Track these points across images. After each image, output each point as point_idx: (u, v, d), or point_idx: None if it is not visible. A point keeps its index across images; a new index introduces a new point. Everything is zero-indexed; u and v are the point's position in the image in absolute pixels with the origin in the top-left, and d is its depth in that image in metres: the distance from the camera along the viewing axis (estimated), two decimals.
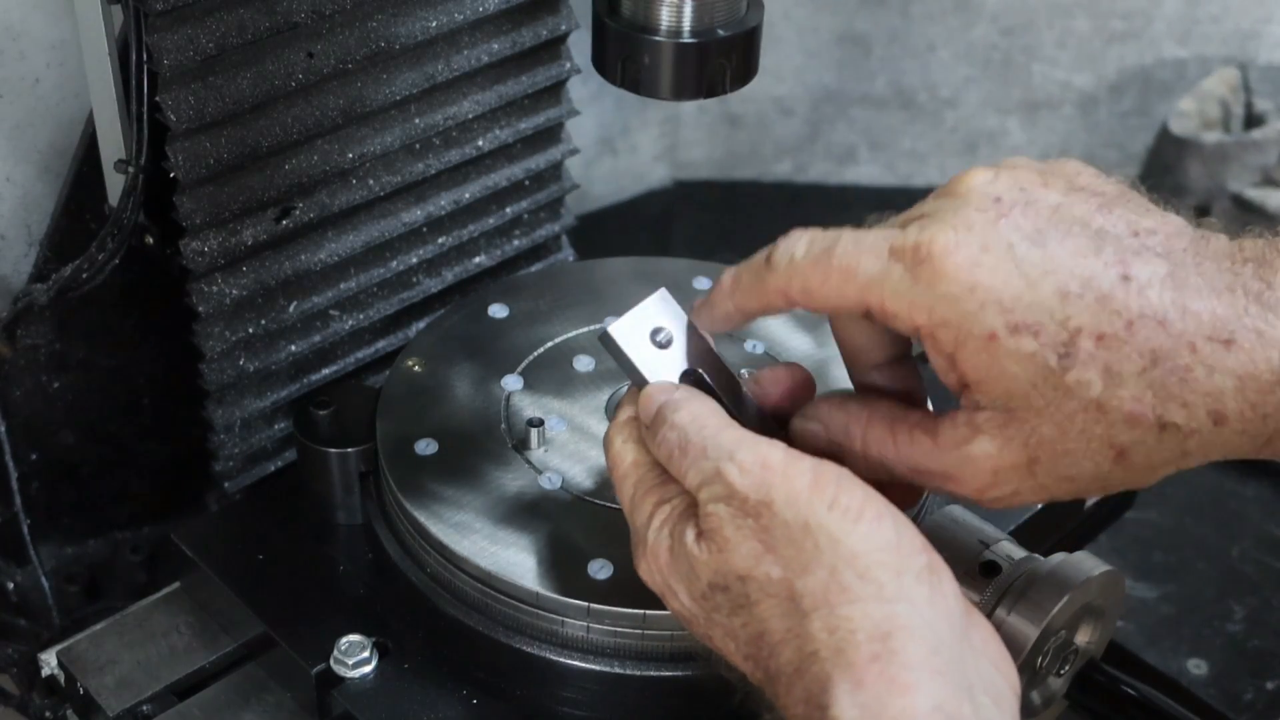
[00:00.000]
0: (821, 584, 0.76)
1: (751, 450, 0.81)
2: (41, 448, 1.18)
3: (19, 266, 1.16)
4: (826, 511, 0.78)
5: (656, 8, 0.89)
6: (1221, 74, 1.77)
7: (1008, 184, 0.79)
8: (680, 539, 0.82)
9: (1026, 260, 0.76)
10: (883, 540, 0.77)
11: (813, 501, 0.78)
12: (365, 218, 1.17)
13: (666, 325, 0.89)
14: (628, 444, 0.88)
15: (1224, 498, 1.45)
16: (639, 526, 0.85)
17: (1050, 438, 0.77)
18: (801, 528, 0.78)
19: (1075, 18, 1.77)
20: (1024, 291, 0.75)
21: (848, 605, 0.75)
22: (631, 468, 0.87)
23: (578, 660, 0.96)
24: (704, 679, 0.95)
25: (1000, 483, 0.79)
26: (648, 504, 0.85)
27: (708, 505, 0.81)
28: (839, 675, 0.74)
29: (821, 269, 0.80)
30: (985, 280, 0.76)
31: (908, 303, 0.77)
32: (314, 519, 1.09)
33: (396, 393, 1.10)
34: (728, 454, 0.81)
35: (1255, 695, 1.26)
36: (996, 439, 0.78)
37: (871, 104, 1.84)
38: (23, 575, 1.21)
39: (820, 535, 0.77)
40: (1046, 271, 0.76)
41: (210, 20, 1.00)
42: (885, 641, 0.74)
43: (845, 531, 0.77)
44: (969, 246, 0.76)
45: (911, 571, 0.77)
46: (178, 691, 1.04)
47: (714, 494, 0.81)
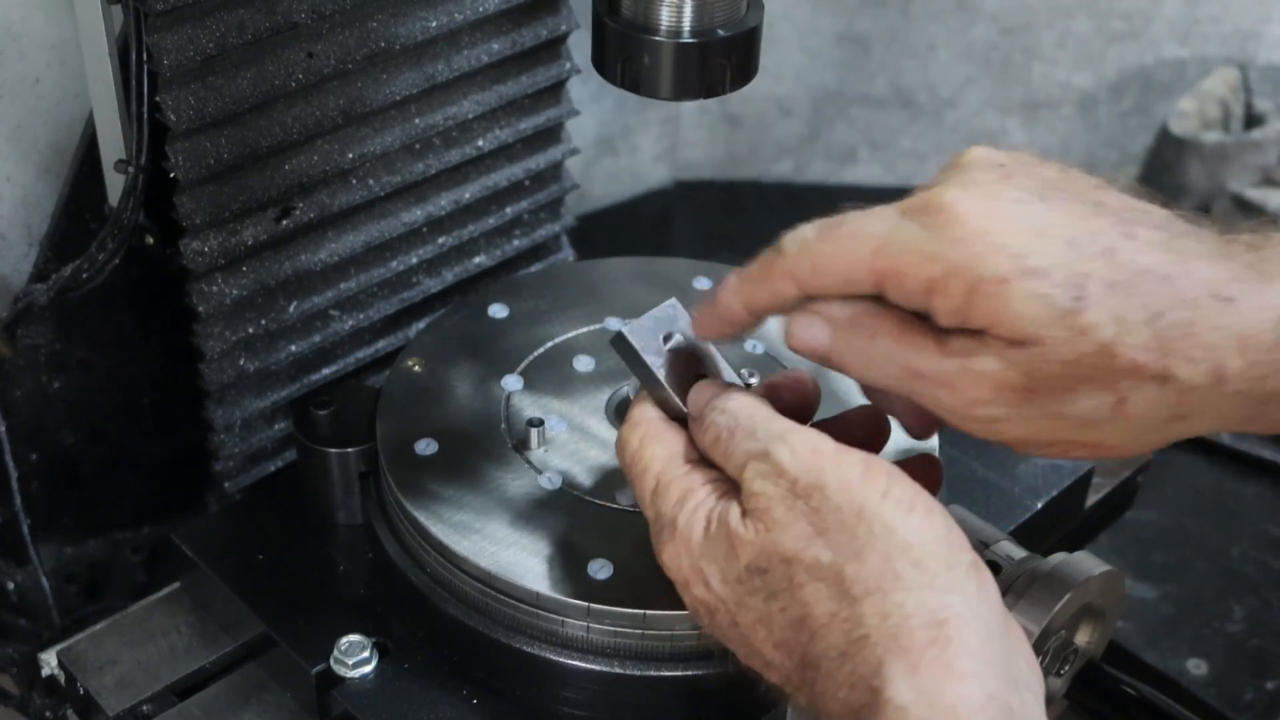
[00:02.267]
0: (874, 570, 0.77)
1: (803, 436, 0.82)
2: (41, 448, 1.18)
3: (19, 266, 1.16)
4: (880, 500, 0.79)
5: (656, 8, 0.89)
6: (1221, 74, 1.77)
7: (1008, 155, 0.81)
8: (722, 520, 0.82)
9: (1033, 214, 0.78)
10: (934, 533, 0.78)
11: (866, 489, 0.79)
12: (365, 218, 1.17)
13: (678, 332, 0.92)
14: (645, 441, 0.89)
15: (1224, 498, 1.45)
16: (666, 512, 0.85)
17: (1054, 374, 0.77)
18: (855, 513, 0.78)
19: (1075, 18, 1.77)
20: (1033, 240, 0.77)
21: (901, 592, 0.76)
22: (653, 461, 0.88)
23: (578, 660, 0.96)
24: (704, 679, 0.95)
25: (994, 401, 0.79)
26: (675, 491, 0.86)
27: (755, 483, 0.81)
28: (893, 659, 0.74)
29: (830, 239, 0.82)
30: (995, 227, 0.77)
31: (920, 255, 0.78)
32: (314, 519, 1.09)
33: (396, 393, 1.10)
34: (779, 436, 0.82)
35: (1255, 695, 1.26)
36: (1002, 359, 0.78)
37: (871, 104, 1.84)
38: (23, 575, 1.21)
39: (875, 522, 0.78)
40: (1052, 224, 0.77)
41: (210, 20, 1.00)
42: (941, 629, 0.74)
43: (899, 520, 0.78)
44: (978, 198, 0.78)
45: (961, 565, 0.78)
46: (178, 691, 1.04)
47: (761, 471, 0.81)
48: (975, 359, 0.79)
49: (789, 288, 0.85)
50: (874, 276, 0.81)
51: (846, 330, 0.84)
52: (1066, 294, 0.76)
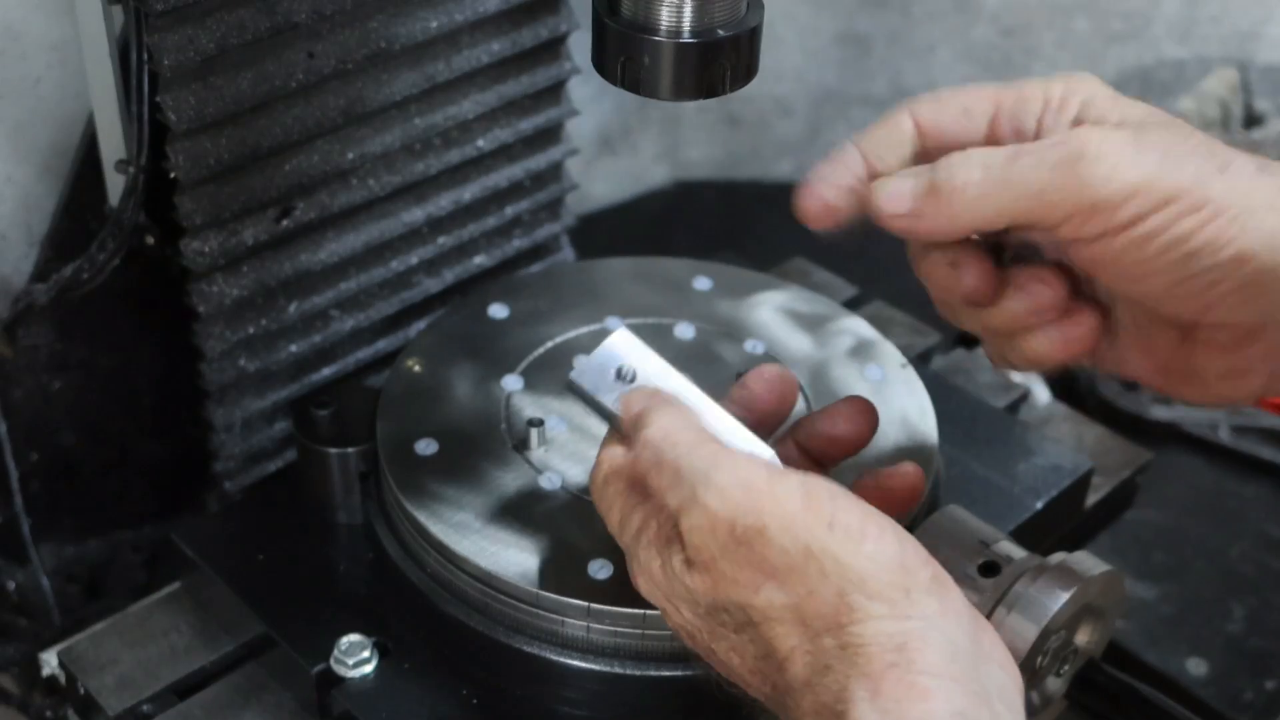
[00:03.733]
0: (830, 607, 0.76)
1: (730, 471, 0.79)
2: (41, 448, 1.18)
3: (19, 266, 1.16)
4: (827, 532, 0.76)
5: (656, 8, 0.88)
6: (1221, 74, 1.77)
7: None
8: (669, 563, 0.81)
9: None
10: (888, 558, 0.76)
11: (810, 523, 0.77)
12: (365, 218, 1.17)
13: (629, 361, 0.88)
14: (609, 478, 0.86)
15: (1224, 498, 1.45)
16: (628, 546, 0.84)
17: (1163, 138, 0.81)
18: (802, 552, 0.76)
19: (1075, 18, 1.77)
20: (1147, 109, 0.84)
21: (858, 625, 0.75)
22: (616, 496, 0.85)
23: (578, 660, 0.96)
24: (704, 679, 0.95)
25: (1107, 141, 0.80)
26: (632, 525, 0.84)
27: (692, 535, 0.79)
28: (855, 683, 0.73)
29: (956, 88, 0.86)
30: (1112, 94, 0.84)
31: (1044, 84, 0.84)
32: (314, 519, 1.09)
33: (396, 393, 1.10)
34: (703, 477, 0.79)
35: (1255, 695, 1.26)
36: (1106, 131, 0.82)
37: (871, 104, 1.84)
38: (23, 575, 1.21)
39: (825, 559, 0.76)
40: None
41: (210, 20, 1.00)
42: (901, 651, 0.73)
43: (850, 553, 0.76)
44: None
45: (920, 587, 0.76)
46: (178, 691, 1.04)
47: (695, 523, 0.78)
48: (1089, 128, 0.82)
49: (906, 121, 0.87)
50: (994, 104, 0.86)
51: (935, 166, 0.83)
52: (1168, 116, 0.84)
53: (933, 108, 0.87)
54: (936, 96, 0.88)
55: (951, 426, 1.14)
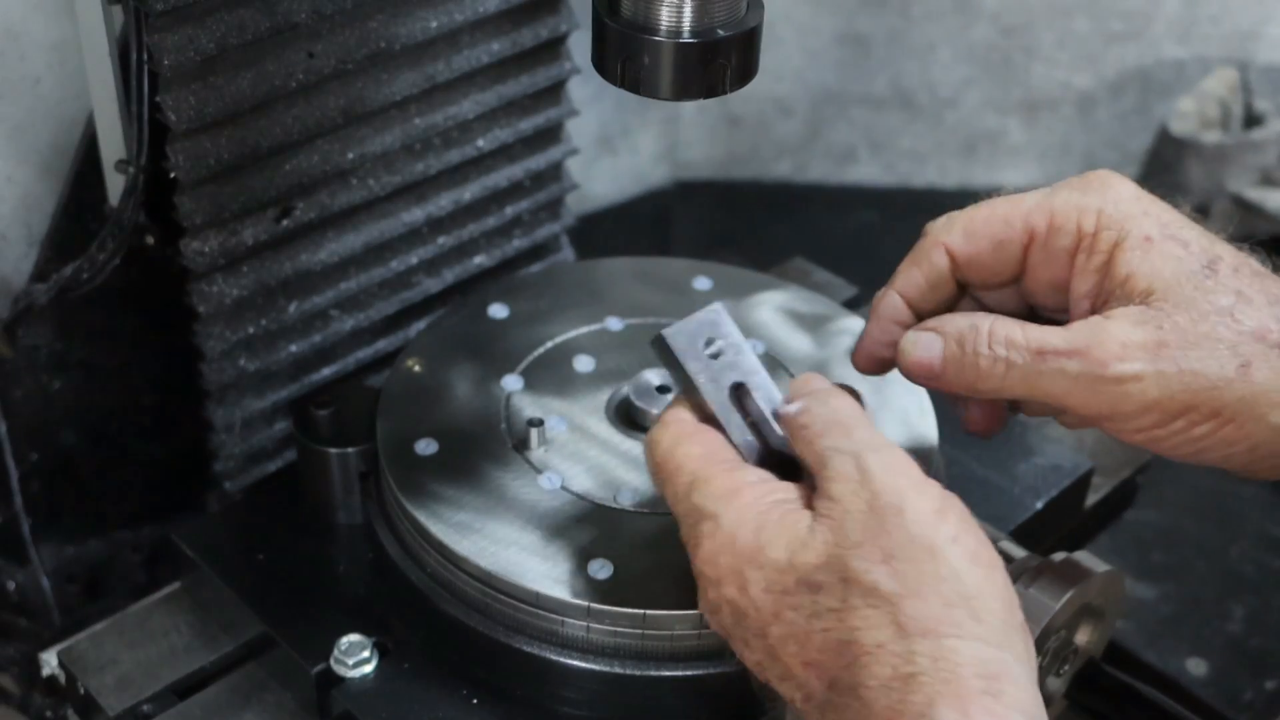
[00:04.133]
0: (934, 611, 0.76)
1: (895, 454, 0.81)
2: (41, 448, 1.18)
3: (19, 266, 1.16)
4: (950, 544, 0.77)
5: (656, 8, 0.89)
6: (1221, 74, 1.77)
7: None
8: (784, 525, 0.80)
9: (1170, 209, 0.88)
10: (996, 589, 0.78)
11: (938, 528, 0.78)
12: (365, 218, 1.17)
13: (720, 338, 0.90)
14: (679, 439, 0.87)
15: (1224, 498, 1.45)
16: (707, 508, 0.83)
17: (1183, 326, 0.84)
18: (926, 550, 0.77)
19: (1075, 18, 1.77)
20: (1174, 219, 0.87)
21: (957, 639, 0.75)
22: (687, 459, 0.86)
23: (578, 660, 0.96)
24: (704, 679, 0.95)
25: (1128, 356, 0.84)
26: (717, 486, 0.83)
27: (834, 485, 0.79)
28: (945, 701, 0.73)
29: (983, 206, 0.90)
30: (1144, 201, 0.88)
31: (1077, 208, 0.87)
32: (314, 519, 1.09)
33: (396, 393, 1.10)
34: (873, 446, 0.81)
35: (1255, 695, 1.26)
36: (1127, 320, 0.85)
37: (871, 104, 1.84)
38: (23, 575, 1.21)
39: (942, 564, 0.77)
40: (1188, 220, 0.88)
41: (210, 20, 1.00)
42: (994, 681, 0.74)
43: (965, 569, 0.77)
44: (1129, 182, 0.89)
45: (1015, 624, 0.77)
46: (178, 691, 1.04)
47: (845, 473, 0.80)
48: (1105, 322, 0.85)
49: (941, 257, 0.91)
50: (1026, 234, 0.88)
51: (965, 335, 0.88)
52: (1200, 262, 0.85)
53: (965, 241, 0.91)
54: (968, 226, 0.90)
55: (951, 426, 1.14)
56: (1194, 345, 0.84)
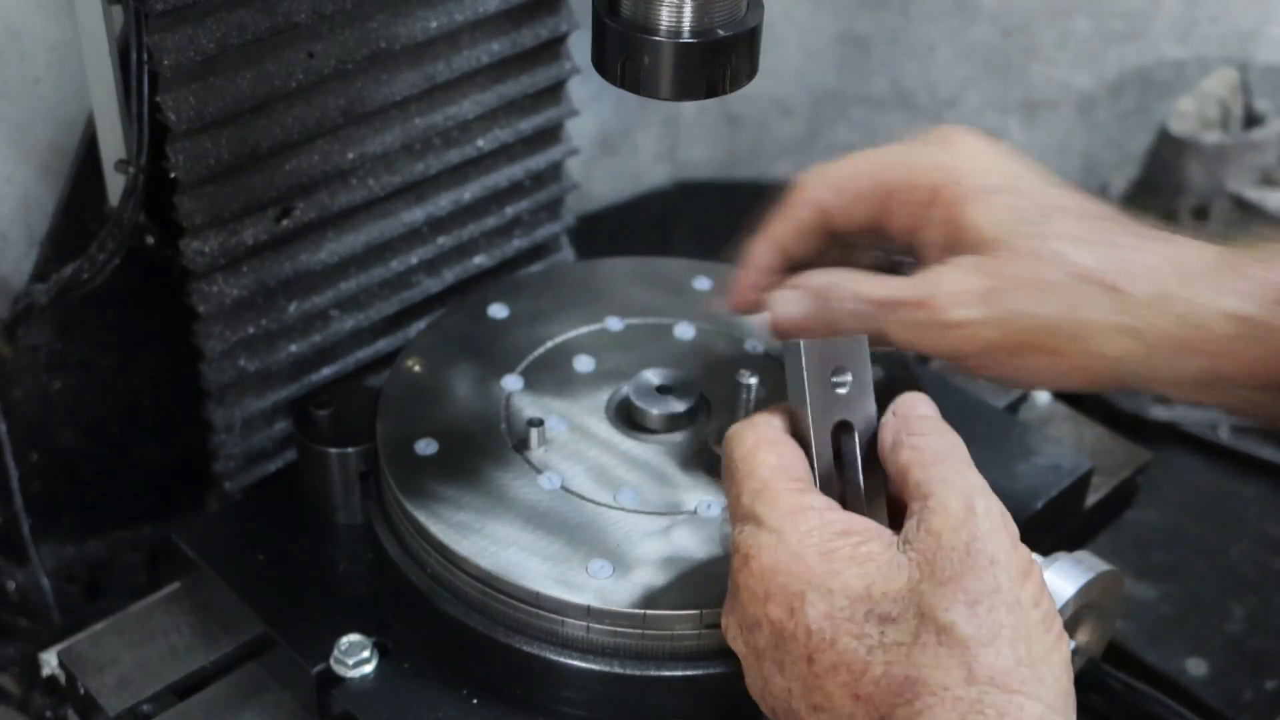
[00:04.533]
0: (1006, 665, 0.76)
1: (997, 502, 0.82)
2: (41, 448, 1.18)
3: (19, 266, 1.16)
4: (1032, 607, 0.78)
5: (656, 8, 0.88)
6: (1221, 74, 1.77)
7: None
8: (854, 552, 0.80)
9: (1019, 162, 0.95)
10: (1063, 660, 0.79)
11: (1024, 588, 0.79)
12: (365, 218, 1.17)
13: (851, 371, 0.89)
14: (762, 443, 0.87)
15: (1224, 498, 1.45)
16: (772, 522, 0.83)
17: (1014, 271, 0.90)
18: (1010, 605, 0.77)
19: (1075, 18, 1.77)
20: (1018, 172, 0.94)
21: (1024, 697, 0.75)
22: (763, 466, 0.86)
23: (578, 660, 0.96)
24: (704, 679, 0.95)
25: (963, 303, 0.90)
26: (786, 503, 0.83)
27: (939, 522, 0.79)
28: None
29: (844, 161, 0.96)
30: (990, 156, 0.94)
31: (929, 164, 0.94)
32: (314, 519, 1.09)
33: (396, 393, 1.10)
34: (980, 490, 0.82)
35: (1255, 695, 1.26)
36: (964, 269, 0.91)
37: (871, 104, 1.84)
38: (23, 575, 1.21)
39: (1021, 621, 0.77)
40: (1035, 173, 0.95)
41: (210, 20, 1.00)
42: None
43: (1040, 634, 0.78)
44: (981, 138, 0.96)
45: (1073, 696, 0.78)
46: (178, 691, 1.04)
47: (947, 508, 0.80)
48: (942, 271, 0.91)
49: (806, 209, 0.97)
50: (884, 187, 0.95)
51: (823, 290, 0.95)
52: (1038, 213, 0.91)
53: (828, 192, 0.97)
54: (830, 177, 0.96)
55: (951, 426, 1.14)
56: (1026, 288, 0.89)
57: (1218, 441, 1.49)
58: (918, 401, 0.89)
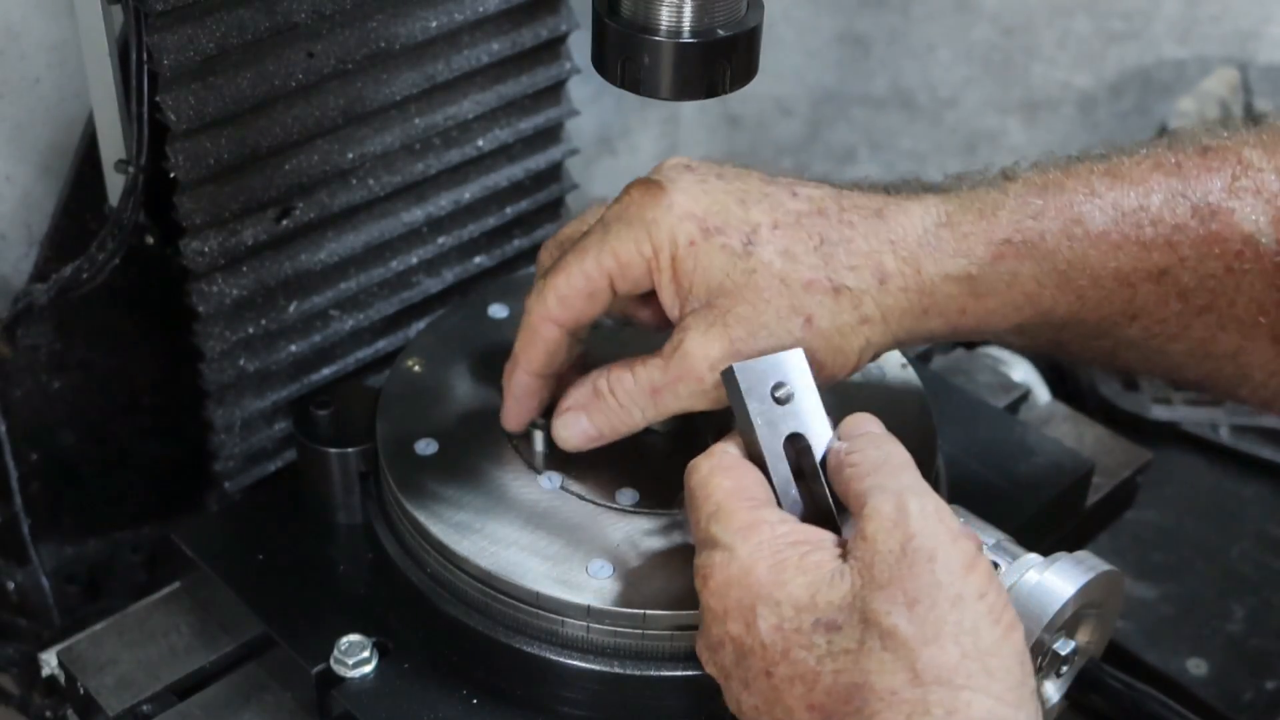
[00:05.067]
0: (951, 661, 0.76)
1: (936, 501, 0.82)
2: (41, 448, 1.18)
3: (19, 266, 1.16)
4: (977, 599, 0.78)
5: (656, 8, 0.89)
6: (1221, 74, 1.77)
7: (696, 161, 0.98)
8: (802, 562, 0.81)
9: (709, 187, 0.94)
10: (1014, 650, 0.78)
11: (967, 580, 0.79)
12: (365, 218, 1.17)
13: (790, 383, 0.89)
14: (715, 470, 0.88)
15: (1224, 498, 1.45)
16: (724, 540, 0.84)
17: (746, 315, 0.91)
18: (951, 600, 0.77)
19: (1075, 18, 1.77)
20: (711, 204, 0.93)
21: (971, 692, 0.75)
22: (717, 489, 0.86)
23: (578, 660, 0.96)
24: (704, 679, 0.95)
25: (717, 362, 0.91)
26: (738, 520, 0.84)
27: (870, 523, 0.80)
28: None
29: (559, 273, 0.95)
30: (680, 200, 0.93)
31: (631, 245, 0.93)
32: (314, 519, 1.09)
33: (396, 393, 1.10)
34: (915, 490, 0.82)
35: (1255, 695, 1.26)
36: (701, 330, 0.92)
37: (871, 104, 1.84)
38: (23, 575, 1.21)
39: (965, 616, 0.77)
40: (728, 190, 0.94)
41: (210, 20, 1.00)
42: None
43: (987, 626, 0.78)
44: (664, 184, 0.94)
45: (1029, 687, 0.78)
46: (178, 691, 1.04)
47: (883, 512, 0.80)
48: (684, 344, 0.92)
49: (550, 330, 0.97)
50: (605, 280, 0.94)
51: (594, 402, 0.97)
52: (739, 241, 0.92)
53: (562, 309, 0.96)
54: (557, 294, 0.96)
55: (951, 426, 1.14)
56: (761, 327, 0.91)
57: (1218, 441, 1.49)
58: (861, 421, 0.90)
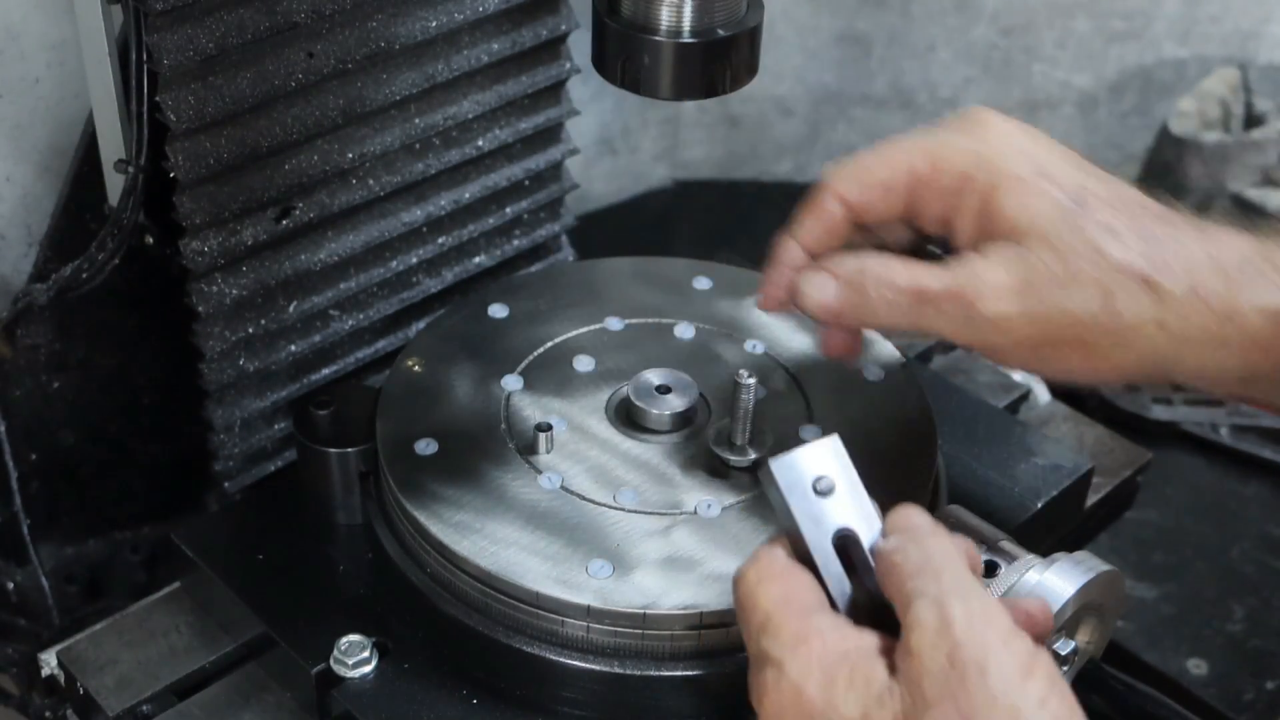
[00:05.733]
0: None
1: (983, 602, 0.76)
2: (41, 448, 1.18)
3: (19, 266, 1.16)
4: (1037, 708, 0.73)
5: (656, 8, 0.89)
6: (1221, 74, 1.78)
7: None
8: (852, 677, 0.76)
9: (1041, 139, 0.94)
10: None
11: (1025, 689, 0.73)
12: (365, 218, 1.17)
13: (830, 474, 0.83)
14: (763, 578, 0.82)
15: (1224, 498, 1.45)
16: (774, 654, 0.78)
17: (1049, 265, 0.88)
18: (1009, 712, 0.72)
19: (1075, 18, 1.77)
20: (1047, 156, 0.92)
21: None
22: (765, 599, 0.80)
23: (578, 660, 0.96)
24: (704, 678, 0.95)
25: (998, 298, 0.89)
26: (787, 633, 0.79)
27: (914, 635, 0.75)
28: None
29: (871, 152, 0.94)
30: (1019, 139, 0.92)
31: (956, 150, 0.92)
32: (314, 519, 1.09)
33: (396, 393, 1.10)
34: (960, 592, 0.76)
35: (1255, 695, 1.26)
36: (999, 262, 0.89)
37: (871, 104, 1.84)
38: (23, 575, 1.21)
39: None
40: (1064, 155, 0.93)
41: (210, 20, 1.00)
42: None
43: None
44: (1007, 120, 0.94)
45: None
46: (178, 691, 1.04)
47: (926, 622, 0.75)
48: (976, 264, 0.89)
49: (834, 206, 0.94)
50: (912, 178, 0.92)
51: (855, 279, 0.93)
52: (1069, 198, 0.89)
53: (855, 188, 0.94)
54: (857, 171, 0.94)
55: (951, 426, 1.14)
56: (1061, 283, 0.88)
57: (1218, 441, 1.49)
58: (905, 514, 0.83)
